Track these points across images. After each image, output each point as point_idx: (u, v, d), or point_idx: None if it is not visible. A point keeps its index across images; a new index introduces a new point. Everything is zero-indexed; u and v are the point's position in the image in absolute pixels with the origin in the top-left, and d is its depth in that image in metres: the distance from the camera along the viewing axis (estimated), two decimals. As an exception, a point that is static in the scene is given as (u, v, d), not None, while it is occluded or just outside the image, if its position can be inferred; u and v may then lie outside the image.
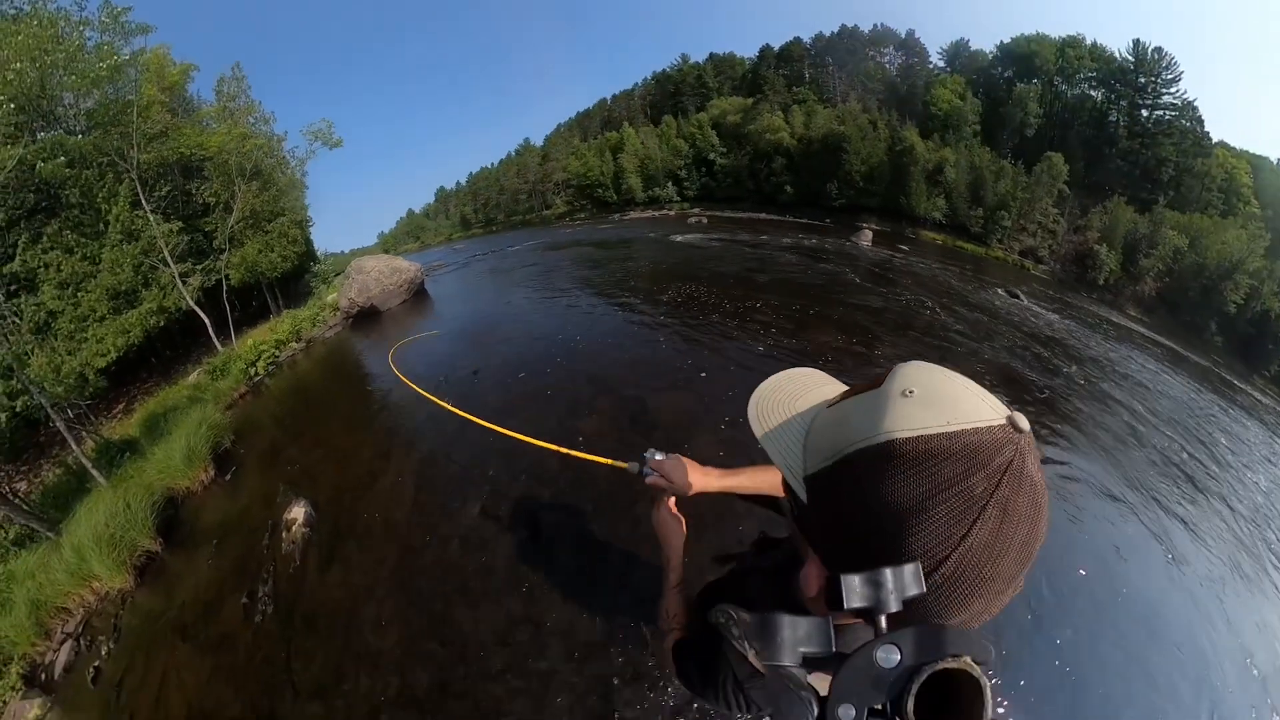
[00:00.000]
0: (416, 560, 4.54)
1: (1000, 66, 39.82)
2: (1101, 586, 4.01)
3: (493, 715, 3.37)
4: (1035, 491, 0.47)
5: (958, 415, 0.47)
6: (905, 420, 0.48)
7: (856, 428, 0.52)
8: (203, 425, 7.80)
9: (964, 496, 0.45)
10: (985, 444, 0.46)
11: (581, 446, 1.81)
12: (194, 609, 4.98)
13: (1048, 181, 33.87)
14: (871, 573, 0.45)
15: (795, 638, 0.49)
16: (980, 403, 0.49)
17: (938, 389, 0.50)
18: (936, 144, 36.30)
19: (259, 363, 10.62)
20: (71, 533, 6.39)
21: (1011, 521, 0.46)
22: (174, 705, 4.14)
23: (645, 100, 52.70)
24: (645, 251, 18.76)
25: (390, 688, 3.67)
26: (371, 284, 12.51)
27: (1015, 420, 0.47)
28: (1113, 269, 32.06)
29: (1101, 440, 6.53)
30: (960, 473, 0.45)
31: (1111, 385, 9.26)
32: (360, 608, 4.27)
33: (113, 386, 12.60)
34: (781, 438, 0.62)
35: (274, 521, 5.50)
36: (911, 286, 13.40)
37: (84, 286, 13.62)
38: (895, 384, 0.52)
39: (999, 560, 0.47)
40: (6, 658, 5.37)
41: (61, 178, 13.31)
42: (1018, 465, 0.46)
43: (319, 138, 18.30)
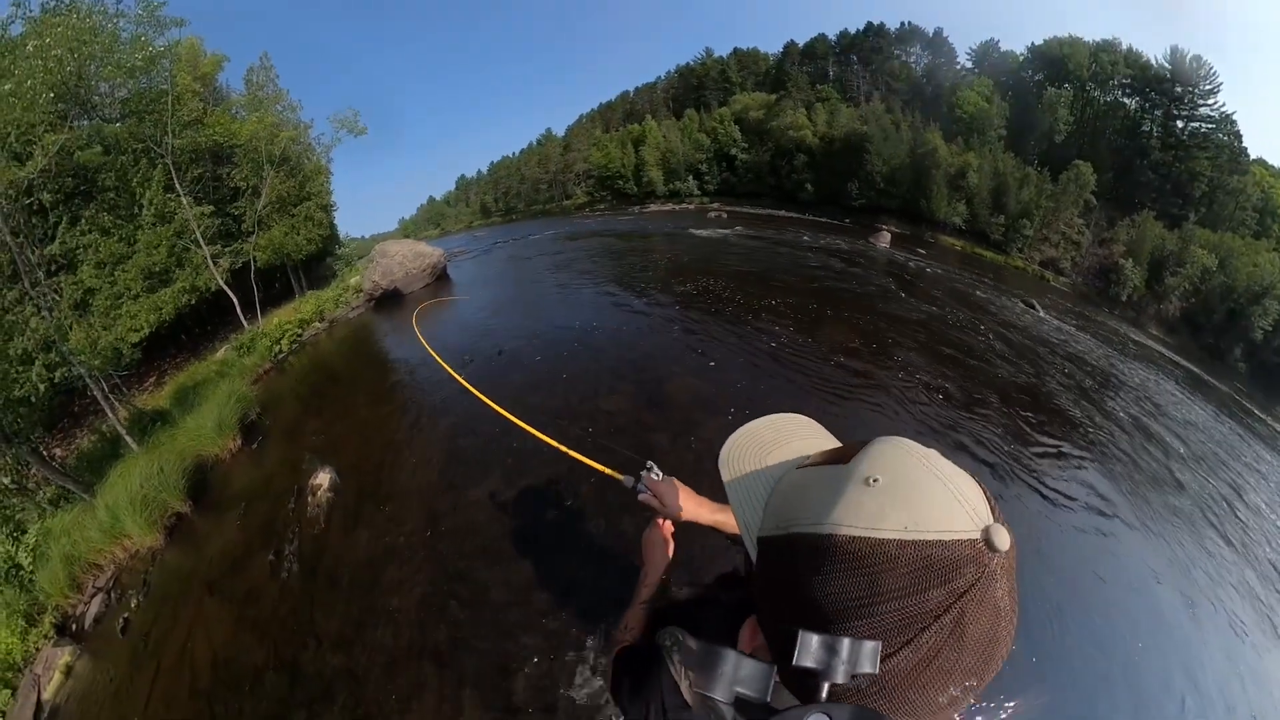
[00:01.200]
0: (439, 524, 4.59)
1: (1030, 69, 38.33)
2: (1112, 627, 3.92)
3: (506, 669, 3.40)
4: (997, 617, 0.43)
5: (920, 520, 0.43)
6: (856, 515, 0.45)
7: (809, 506, 0.49)
8: (232, 397, 8.01)
9: (903, 613, 0.42)
10: (945, 561, 0.41)
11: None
12: (221, 566, 5.10)
13: (1074, 191, 32.65)
14: (831, 638, 0.42)
15: (735, 676, 0.46)
16: (955, 506, 0.43)
17: (908, 482, 0.46)
18: (960, 148, 35.19)
19: (283, 341, 10.85)
20: (106, 494, 6.58)
21: (958, 646, 0.42)
22: (199, 654, 4.23)
23: (668, 93, 52.49)
24: (665, 244, 18.73)
25: (410, 641, 3.72)
26: (395, 267, 12.68)
27: (991, 537, 0.41)
28: (1137, 285, 30.65)
29: (1113, 464, 6.30)
30: (906, 587, 0.41)
31: (1127, 405, 8.89)
32: (383, 567, 4.33)
33: (145, 361, 12.95)
34: (746, 490, 0.60)
35: (299, 487, 5.61)
36: (928, 292, 13.12)
37: (120, 266, 14.09)
38: (863, 466, 0.48)
39: (930, 686, 0.43)
40: (40, 608, 5.57)
41: (100, 162, 13.74)
42: (980, 590, 0.41)
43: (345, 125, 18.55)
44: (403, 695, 3.42)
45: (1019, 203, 33.24)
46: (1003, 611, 0.43)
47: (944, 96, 38.21)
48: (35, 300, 10.78)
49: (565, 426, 5.34)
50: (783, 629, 0.46)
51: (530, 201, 53.32)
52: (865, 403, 6.17)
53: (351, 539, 4.76)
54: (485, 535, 4.37)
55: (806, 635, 0.42)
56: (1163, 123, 33.96)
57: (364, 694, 3.52)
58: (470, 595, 3.89)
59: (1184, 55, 33.06)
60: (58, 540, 6.09)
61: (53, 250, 14.10)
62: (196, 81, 17.01)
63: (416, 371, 7.93)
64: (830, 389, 6.40)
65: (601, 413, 5.97)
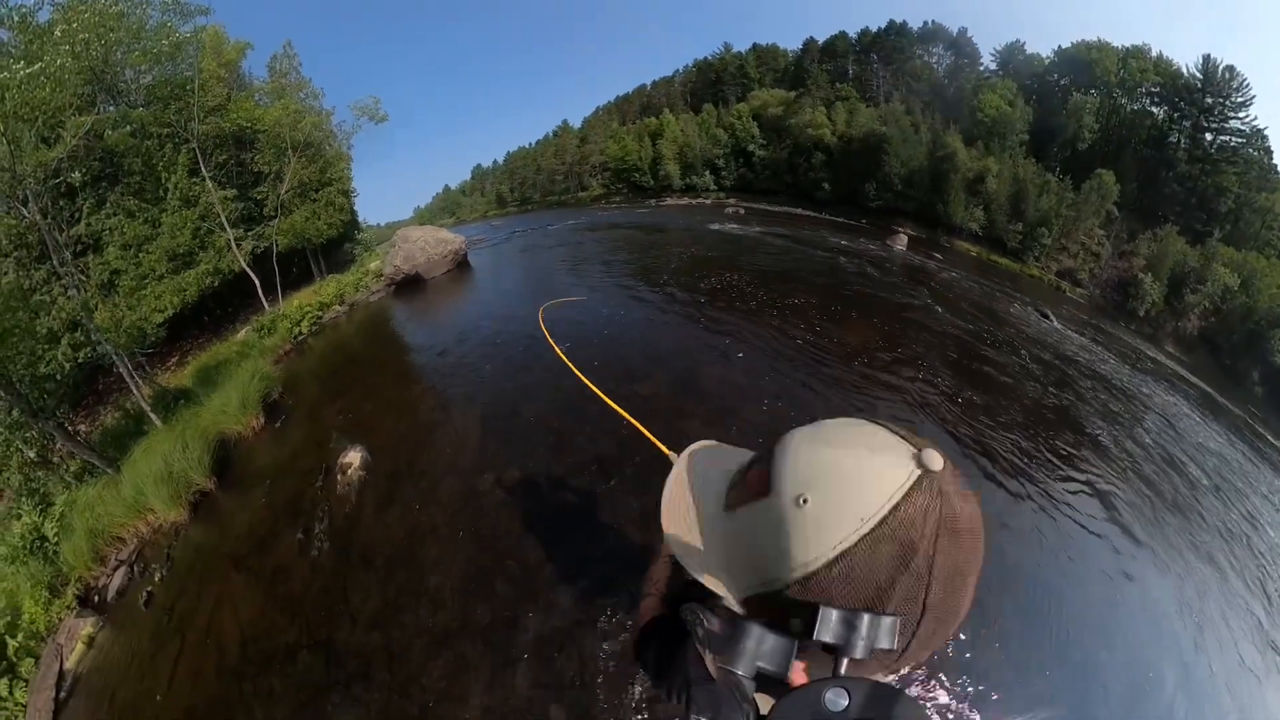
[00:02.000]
0: (479, 502, 4.42)
1: (1056, 73, 36.61)
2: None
3: (555, 646, 3.22)
4: (973, 526, 0.46)
5: (866, 503, 0.44)
6: (817, 545, 0.45)
7: (771, 566, 0.49)
8: (255, 376, 7.93)
9: (909, 575, 0.44)
10: (910, 519, 0.43)
11: (638, 414, 1.85)
12: (248, 542, 4.96)
13: (1096, 201, 31.21)
14: (851, 613, 0.44)
15: (757, 650, 0.48)
16: (882, 465, 0.45)
17: (831, 479, 0.46)
18: (980, 152, 34.00)
19: (303, 323, 10.78)
20: (130, 468, 6.55)
21: (960, 567, 0.45)
22: (227, 629, 4.09)
23: (685, 87, 51.98)
24: (683, 238, 18.53)
25: (452, 619, 3.54)
26: (417, 253, 12.58)
27: (925, 462, 0.43)
28: (1155, 301, 28.81)
29: (1123, 483, 5.89)
30: (898, 558, 0.44)
31: (1139, 422, 8.37)
32: (420, 545, 4.16)
33: (168, 341, 13.01)
34: (698, 560, 0.59)
35: (328, 465, 5.47)
36: (944, 297, 12.72)
37: (145, 248, 14.20)
38: (785, 491, 0.48)
39: (957, 598, 0.46)
40: (64, 579, 5.50)
41: (126, 146, 13.83)
42: (948, 515, 0.44)
43: (365, 113, 18.58)
44: (447, 674, 3.24)
45: (1038, 210, 31.98)
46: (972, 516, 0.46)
47: (966, 98, 37.02)
48: (63, 280, 10.85)
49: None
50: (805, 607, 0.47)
51: (546, 192, 53.04)
52: (883, 404, 6.00)
53: (385, 517, 4.59)
54: (528, 512, 4.19)
55: (827, 611, 0.44)
56: (1191, 134, 32.16)
57: (405, 673, 3.34)
58: (515, 572, 3.71)
59: (1216, 65, 31.61)
60: (82, 513, 6.04)
61: (79, 231, 14.23)
62: (221, 68, 17.11)
63: (443, 354, 7.81)
64: (850, 387, 6.29)
65: (637, 397, 5.80)
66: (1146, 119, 33.87)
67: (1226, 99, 31.53)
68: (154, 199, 14.86)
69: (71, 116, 12.57)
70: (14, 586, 5.43)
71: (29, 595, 5.29)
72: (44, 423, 7.38)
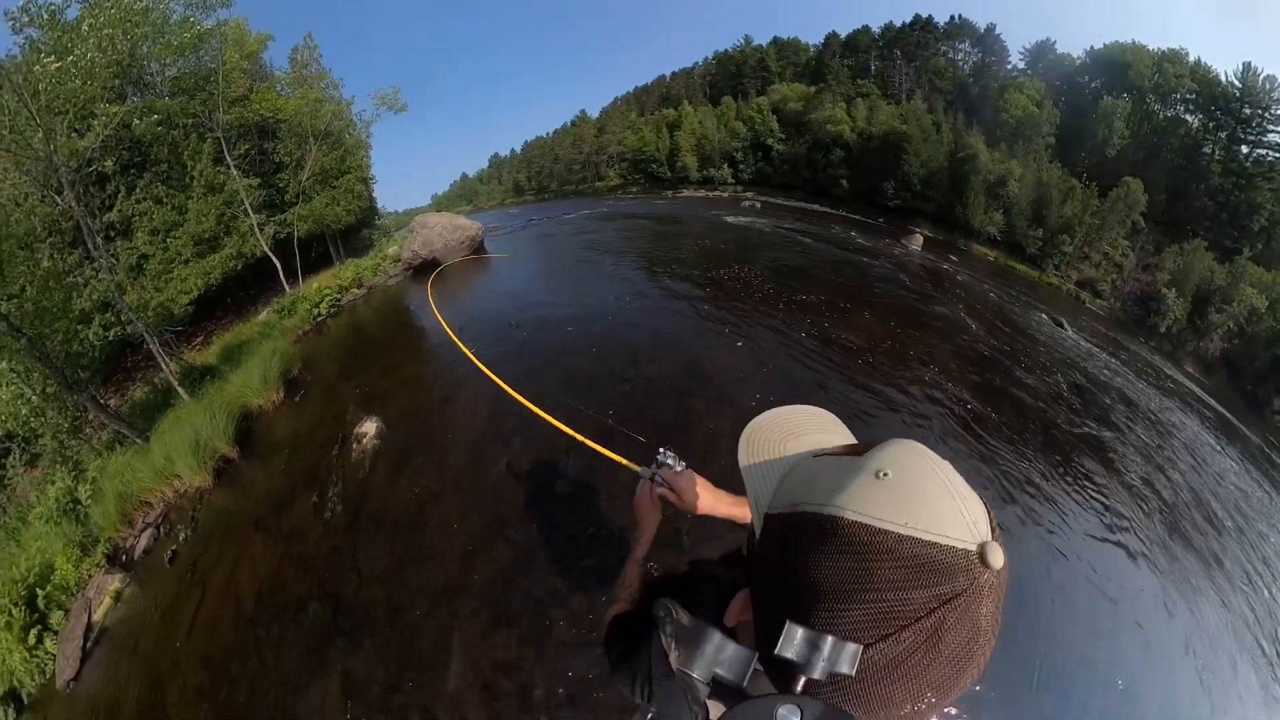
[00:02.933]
0: (486, 472, 4.54)
1: (1087, 75, 34.98)
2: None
3: (548, 605, 3.33)
4: (975, 634, 0.42)
5: (922, 520, 0.43)
6: (862, 503, 0.45)
7: (818, 489, 0.50)
8: (276, 353, 8.20)
9: (888, 605, 0.42)
10: (937, 564, 0.41)
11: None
12: (267, 506, 5.15)
13: (1122, 210, 29.72)
14: (815, 634, 0.43)
15: (715, 657, 0.48)
16: (957, 517, 0.43)
17: (915, 483, 0.46)
18: (1003, 154, 32.62)
19: (322, 304, 11.05)
20: (159, 438, 6.83)
21: (932, 654, 0.42)
22: (245, 584, 4.27)
23: (705, 79, 51.45)
24: (699, 229, 18.48)
25: (453, 579, 3.65)
26: (434, 238, 12.78)
27: (987, 553, 0.41)
28: (1178, 318, 27.34)
29: (1135, 508, 5.66)
30: (896, 580, 0.42)
31: (1152, 444, 7.94)
32: (428, 509, 4.29)
33: (193, 322, 13.50)
34: (761, 470, 0.60)
35: (344, 435, 5.63)
36: (958, 299, 12.43)
37: (172, 233, 14.66)
38: (876, 460, 0.48)
39: (898, 686, 0.43)
40: (94, 540, 5.78)
41: (154, 135, 14.28)
42: (966, 602, 0.41)
43: (385, 102, 18.88)
44: (445, 627, 3.35)
45: (1061, 217, 30.04)
46: (982, 631, 0.43)
47: (991, 98, 35.54)
48: (95, 263, 11.29)
49: (584, 406, 5.30)
50: (769, 618, 0.48)
51: (563, 181, 53.09)
52: (887, 404, 5.91)
53: (396, 483, 4.74)
54: (531, 484, 4.30)
55: (792, 628, 0.43)
56: (1226, 146, 30.43)
57: (405, 625, 3.47)
58: (515, 538, 3.81)
59: (1257, 74, 29.67)
60: (112, 479, 6.31)
61: (110, 218, 14.75)
62: (244, 60, 17.52)
63: (463, 332, 7.92)
64: (855, 386, 6.20)
65: (642, 378, 5.86)
66: (1180, 127, 32.10)
67: (1266, 110, 29.69)
68: (180, 186, 15.31)
69: (103, 107, 13.02)
70: (48, 546, 5.73)
71: (61, 554, 5.58)
72: (78, 395, 7.72)
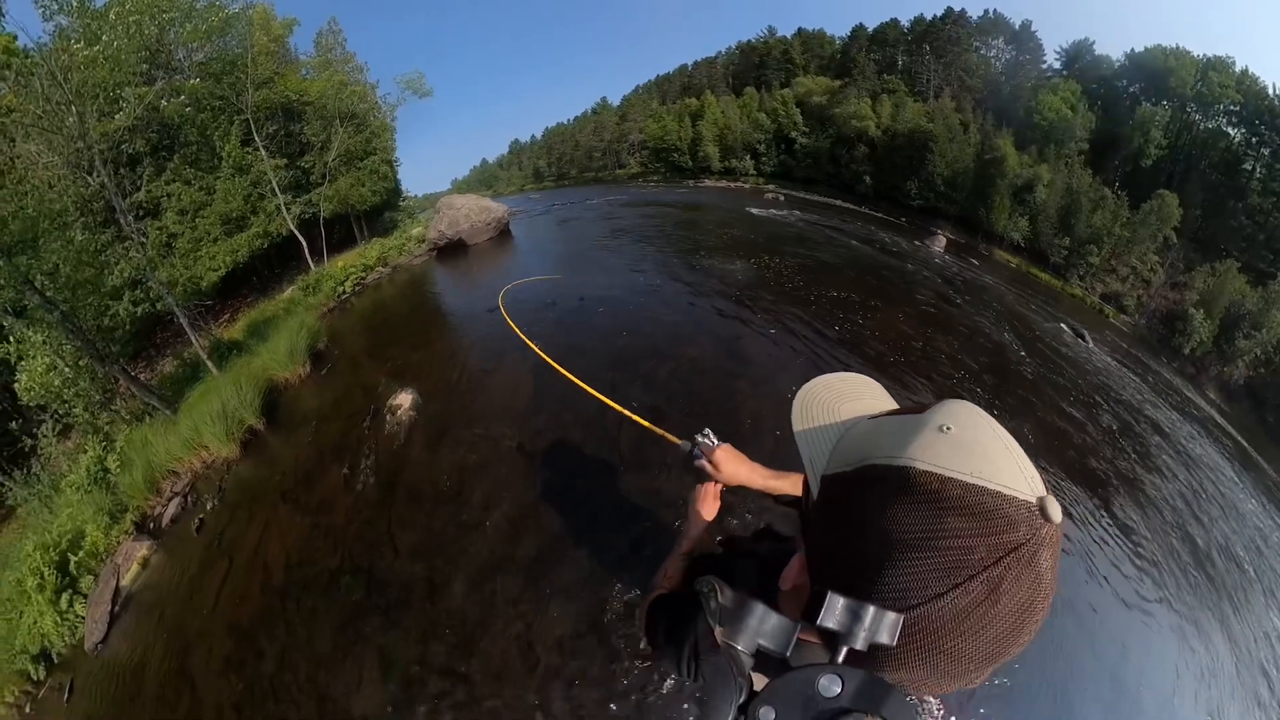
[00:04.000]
0: (532, 445, 4.34)
1: (1126, 79, 33.08)
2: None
3: (598, 581, 3.14)
4: (1037, 586, 0.43)
5: (986, 471, 0.44)
6: (931, 454, 0.46)
7: (883, 444, 0.50)
8: (302, 328, 8.13)
9: (957, 555, 0.42)
10: (1002, 513, 0.42)
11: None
12: (294, 477, 5.02)
13: (1154, 223, 28.19)
14: (856, 604, 0.44)
15: (759, 629, 0.49)
16: (1017, 471, 0.45)
17: (978, 438, 0.47)
18: (1033, 157, 30.73)
19: (347, 283, 11.00)
20: (187, 410, 6.82)
21: (997, 606, 0.43)
22: (273, 555, 4.13)
23: (728, 69, 50.65)
24: (723, 219, 18.16)
25: (496, 553, 3.45)
26: (461, 219, 12.65)
27: (1046, 506, 0.42)
28: (1203, 340, 25.88)
29: (1148, 538, 5.08)
30: (963, 529, 0.42)
31: (1168, 470, 7.22)
32: (469, 483, 4.11)
33: (219, 299, 13.62)
34: (816, 434, 0.61)
35: (376, 407, 5.49)
36: (981, 304, 11.88)
37: (200, 213, 14.80)
38: (938, 416, 0.50)
39: (965, 639, 0.44)
40: (123, 508, 5.74)
41: (182, 117, 14.40)
42: (1029, 551, 0.42)
43: (410, 87, 18.90)
44: (488, 604, 3.16)
45: (1089, 227, 28.69)
46: (1043, 583, 0.43)
47: (1023, 98, 33.92)
48: (125, 242, 11.39)
49: (627, 382, 5.15)
50: (830, 578, 0.50)
51: (583, 168, 52.80)
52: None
53: (434, 456, 4.57)
54: (578, 457, 4.08)
55: (834, 598, 0.44)
56: (1269, 163, 28.54)
57: (445, 602, 3.28)
58: (564, 512, 3.61)
59: None
60: (141, 449, 6.29)
61: (139, 198, 14.93)
62: (271, 44, 17.62)
63: (493, 310, 7.71)
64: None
65: (685, 358, 5.66)
66: (1221, 140, 30.05)
67: (1317, 129, 27.79)
68: (209, 167, 15.47)
69: (131, 89, 13.14)
70: (79, 513, 5.73)
71: (91, 521, 5.56)
72: (109, 367, 7.72)
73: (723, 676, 0.70)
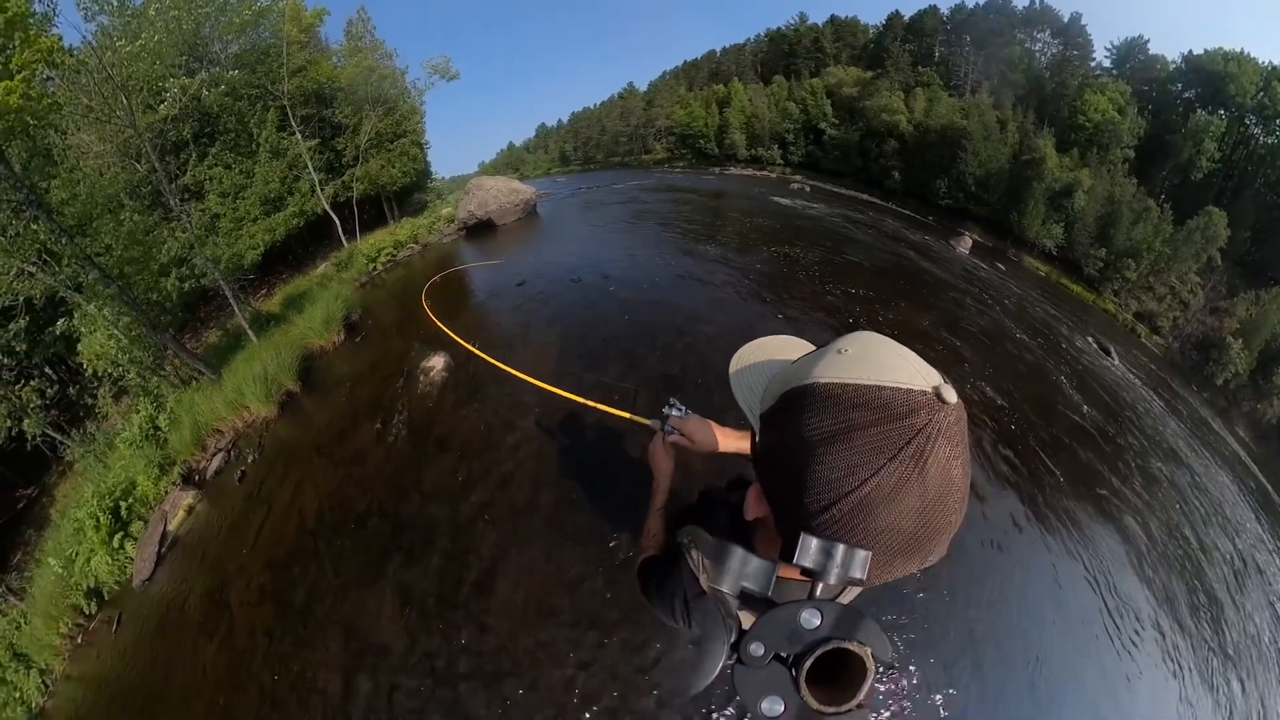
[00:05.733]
0: (558, 402, 4.34)
1: (1180, 83, 30.27)
2: None
3: (609, 532, 3.19)
4: (949, 465, 0.48)
5: (882, 375, 0.50)
6: (832, 370, 0.53)
7: (797, 375, 0.58)
8: (338, 298, 8.46)
9: (870, 442, 0.48)
10: (900, 402, 0.48)
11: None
12: (329, 433, 5.23)
13: (1199, 242, 26.11)
14: (828, 543, 0.48)
15: (741, 572, 0.53)
16: (911, 370, 0.50)
17: (872, 352, 0.54)
18: (1073, 161, 29.04)
19: (379, 259, 11.31)
20: (230, 373, 7.16)
21: (922, 480, 0.47)
22: (307, 501, 4.31)
23: (757, 57, 49.52)
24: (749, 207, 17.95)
25: (518, 500, 3.54)
26: (490, 200, 12.84)
27: (941, 392, 0.48)
28: (1238, 372, 23.94)
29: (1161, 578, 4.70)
30: (868, 420, 0.48)
31: (1177, 492, 6.75)
32: (497, 437, 4.22)
33: (257, 276, 14.20)
34: (748, 383, 0.69)
35: (409, 370, 5.67)
36: (1005, 311, 11.36)
37: (240, 195, 15.41)
38: (838, 343, 0.57)
39: (898, 515, 0.48)
40: (171, 461, 6.09)
41: (222, 106, 14.99)
42: (934, 429, 0.47)
43: (438, 72, 19.19)
44: (506, 545, 3.26)
45: (1129, 239, 26.63)
46: (955, 459, 0.48)
47: (1067, 97, 31.45)
48: (171, 224, 11.95)
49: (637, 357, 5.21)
50: (780, 496, 0.56)
51: (609, 153, 52.41)
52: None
53: (464, 412, 4.72)
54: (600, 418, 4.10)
55: (806, 539, 0.48)
56: None
57: (466, 544, 3.39)
58: (582, 467, 3.70)
59: None
60: (188, 409, 6.66)
61: (184, 181, 15.64)
62: (302, 34, 18.16)
63: (522, 285, 7.89)
64: None
65: (702, 335, 5.69)
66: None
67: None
68: (248, 152, 16.08)
69: (173, 81, 13.73)
70: (131, 466, 6.12)
71: (142, 473, 5.94)
72: (160, 335, 8.15)
73: (713, 620, 0.77)
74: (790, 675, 0.47)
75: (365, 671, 3.01)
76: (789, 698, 0.47)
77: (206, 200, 15.54)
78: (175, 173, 15.64)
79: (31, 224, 6.50)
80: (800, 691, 0.46)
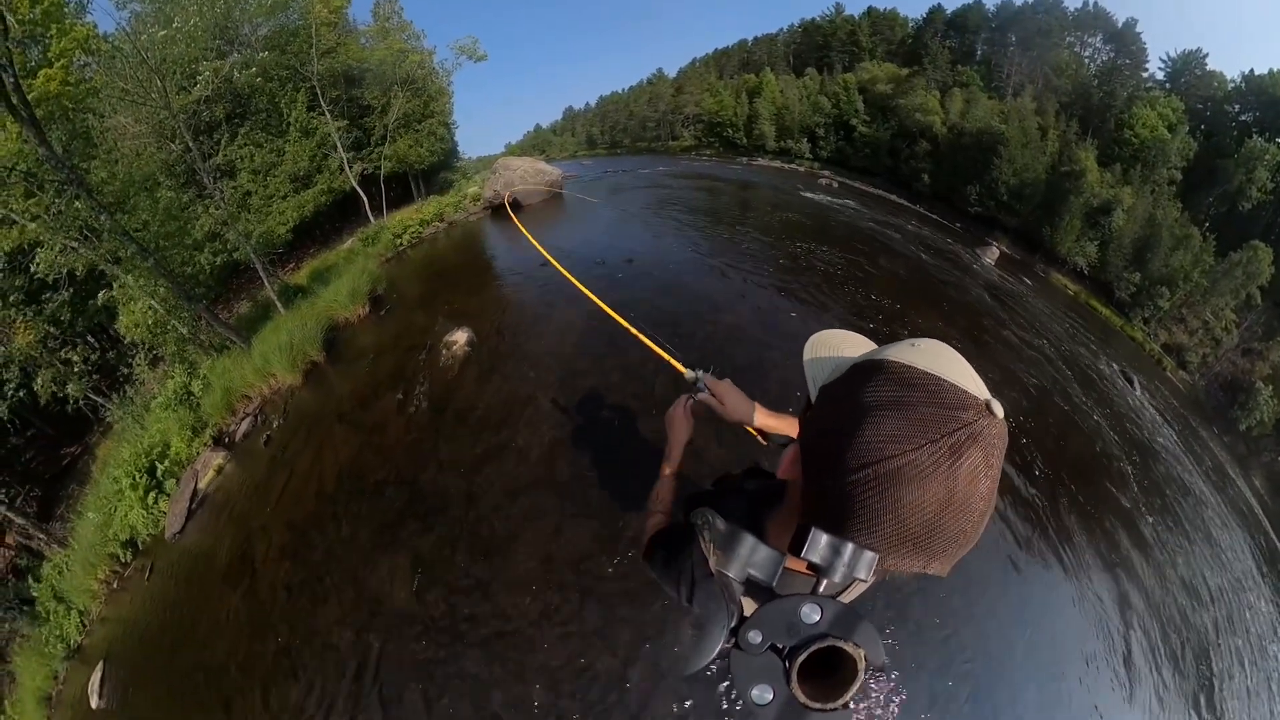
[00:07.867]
0: (575, 382, 4.50)
1: (1238, 104, 28.34)
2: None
3: (621, 507, 3.25)
4: (982, 471, 0.49)
5: (945, 371, 0.53)
6: (900, 354, 0.56)
7: (868, 355, 0.61)
8: (364, 272, 8.62)
9: (921, 420, 0.49)
10: (954, 396, 0.50)
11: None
12: (351, 401, 5.38)
13: (1239, 278, 24.61)
14: (837, 540, 0.49)
15: (750, 559, 0.55)
16: (970, 379, 0.53)
17: (941, 353, 0.56)
18: (1116, 177, 27.14)
19: (405, 235, 11.50)
20: (259, 342, 7.38)
21: (954, 472, 0.48)
22: (328, 465, 4.47)
23: (789, 48, 48.47)
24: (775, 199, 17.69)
25: (532, 473, 3.61)
26: (516, 180, 12.89)
27: (991, 404, 0.51)
28: (1264, 420, 22.48)
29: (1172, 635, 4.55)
30: (924, 401, 0.50)
31: (1185, 538, 6.43)
32: (515, 411, 4.30)
33: (286, 251, 14.55)
34: (821, 362, 0.70)
35: (431, 343, 5.79)
36: (1029, 328, 10.92)
37: (271, 173, 15.79)
38: (908, 339, 0.59)
39: (922, 497, 0.49)
40: (203, 424, 6.36)
41: (253, 87, 15.32)
42: (979, 430, 0.49)
43: (465, 52, 19.27)
44: (519, 516, 3.32)
45: (1166, 266, 25.20)
46: (985, 473, 0.49)
47: (1115, 109, 29.59)
48: (205, 201, 12.32)
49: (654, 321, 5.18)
50: (817, 464, 0.57)
51: (636, 138, 52.03)
52: None
53: (485, 386, 4.81)
54: (621, 395, 4.20)
55: (816, 533, 0.49)
56: None
57: (478, 513, 3.48)
58: (597, 444, 3.76)
59: None
60: (219, 376, 6.93)
61: (217, 160, 16.08)
62: (331, 15, 18.39)
63: (546, 264, 7.87)
64: None
65: (722, 324, 5.66)
66: None
67: None
68: (278, 131, 16.45)
69: (205, 64, 14.07)
70: (166, 428, 6.42)
71: (176, 434, 6.22)
72: (195, 305, 8.46)
73: (716, 602, 0.77)
74: (783, 667, 0.48)
75: (375, 631, 3.14)
76: (779, 688, 0.48)
77: (238, 178, 15.95)
78: (209, 152, 16.10)
79: (74, 202, 6.81)
80: (791, 683, 0.47)
